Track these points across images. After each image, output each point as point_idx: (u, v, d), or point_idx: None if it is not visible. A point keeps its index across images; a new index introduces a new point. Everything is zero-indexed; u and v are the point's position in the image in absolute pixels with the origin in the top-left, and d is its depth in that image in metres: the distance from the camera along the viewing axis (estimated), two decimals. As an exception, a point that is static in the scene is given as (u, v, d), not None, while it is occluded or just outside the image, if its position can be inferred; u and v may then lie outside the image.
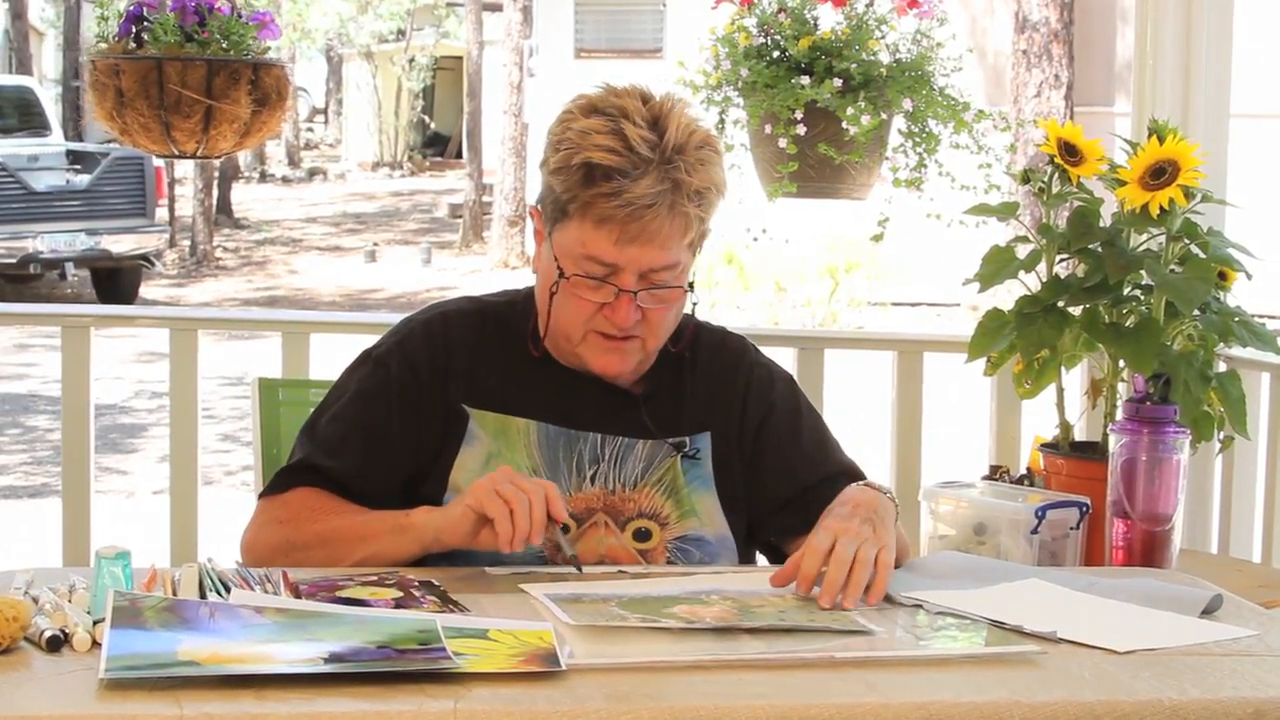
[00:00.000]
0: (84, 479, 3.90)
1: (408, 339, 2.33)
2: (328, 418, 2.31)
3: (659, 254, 2.19)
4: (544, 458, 2.27)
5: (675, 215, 2.18)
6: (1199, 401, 2.84)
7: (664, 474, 2.29)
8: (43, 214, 15.03)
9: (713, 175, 2.22)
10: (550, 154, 2.22)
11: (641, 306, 2.21)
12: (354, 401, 2.30)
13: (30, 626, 1.68)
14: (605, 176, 2.15)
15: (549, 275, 2.25)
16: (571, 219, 2.20)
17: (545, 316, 2.27)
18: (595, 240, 2.18)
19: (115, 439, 9.69)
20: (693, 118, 2.23)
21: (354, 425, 2.28)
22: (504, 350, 2.33)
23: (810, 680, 1.66)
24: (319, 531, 2.18)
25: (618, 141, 2.16)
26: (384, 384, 2.29)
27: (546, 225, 2.26)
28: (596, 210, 2.17)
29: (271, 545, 2.20)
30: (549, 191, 2.23)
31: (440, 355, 2.30)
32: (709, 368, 2.38)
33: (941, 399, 4.61)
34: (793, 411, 2.40)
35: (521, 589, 1.97)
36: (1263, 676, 1.72)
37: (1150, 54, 3.65)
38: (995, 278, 2.96)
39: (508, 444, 2.26)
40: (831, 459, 2.39)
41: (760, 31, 3.66)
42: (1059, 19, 14.33)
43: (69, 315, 4.10)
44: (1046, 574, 2.16)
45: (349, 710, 1.51)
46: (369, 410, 2.28)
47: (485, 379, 2.30)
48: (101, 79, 3.33)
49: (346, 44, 30.45)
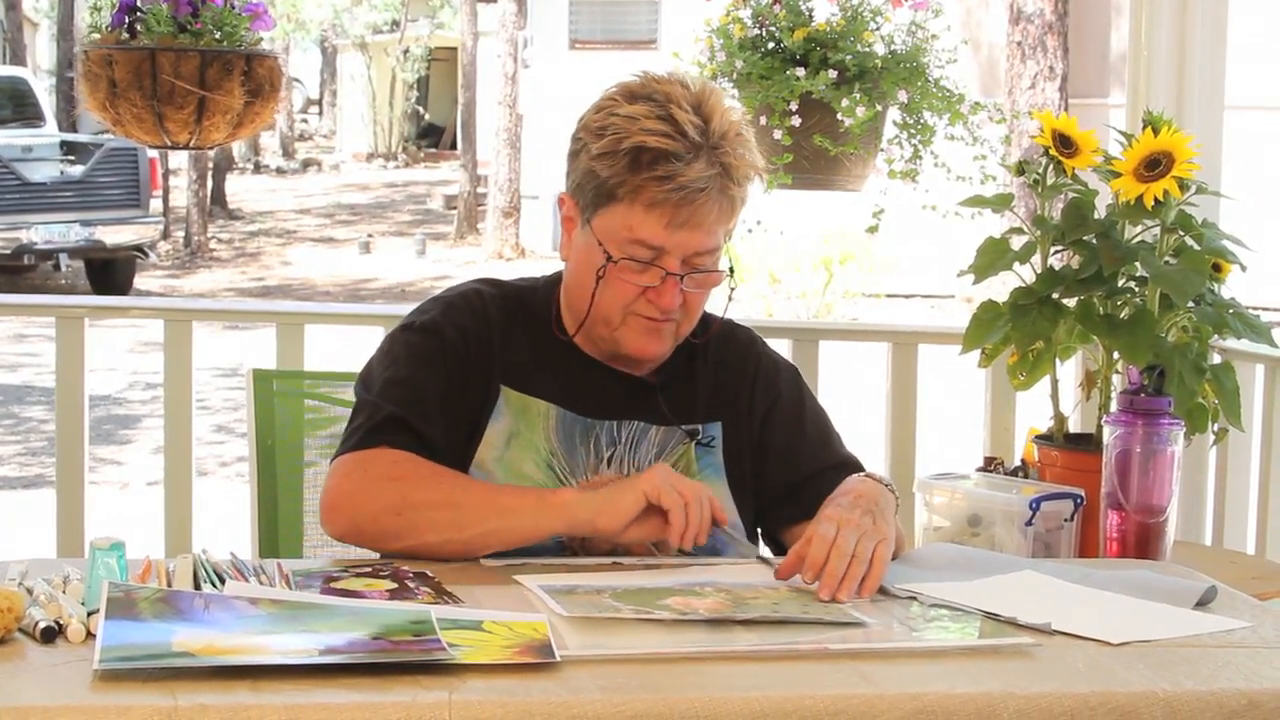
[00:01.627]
0: (78, 470, 3.90)
1: (451, 309, 2.31)
2: (386, 380, 2.25)
3: (705, 238, 2.21)
4: (561, 442, 2.28)
5: (724, 199, 2.20)
6: (1193, 393, 2.85)
7: (677, 460, 2.30)
8: (37, 205, 15.01)
9: (755, 160, 2.25)
10: (592, 140, 2.21)
11: (684, 290, 2.23)
12: (413, 364, 2.26)
13: (25, 617, 1.67)
14: (656, 161, 2.16)
15: (589, 260, 2.24)
16: (619, 203, 2.20)
17: (584, 299, 2.27)
18: (645, 224, 2.19)
19: (109, 430, 9.68)
20: (731, 103, 2.26)
21: (421, 387, 2.24)
22: (529, 333, 2.33)
23: (804, 672, 1.66)
24: (448, 495, 2.13)
25: (668, 126, 2.17)
26: (440, 350, 2.26)
27: (585, 211, 2.25)
28: (648, 194, 2.17)
29: (384, 504, 2.12)
30: (590, 177, 2.22)
31: (483, 328, 2.30)
32: (719, 357, 2.40)
33: (936, 391, 4.61)
34: (797, 402, 2.42)
35: (515, 580, 1.97)
36: (1256, 668, 1.72)
37: (1145, 46, 3.65)
38: (990, 269, 2.97)
39: (527, 424, 2.27)
40: (833, 450, 2.40)
41: (755, 23, 3.66)
42: (1053, 10, 14.32)
43: (63, 306, 4.09)
44: (1041, 566, 2.16)
45: (344, 701, 1.51)
46: (433, 374, 2.25)
47: (514, 358, 2.31)
48: (94, 69, 3.33)
49: (341, 35, 30.42)
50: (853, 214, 2.70)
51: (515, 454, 2.26)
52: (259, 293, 17.44)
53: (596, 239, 2.23)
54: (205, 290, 17.48)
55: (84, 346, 3.90)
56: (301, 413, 2.74)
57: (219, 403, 10.39)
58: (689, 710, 1.55)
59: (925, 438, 4.00)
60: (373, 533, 2.13)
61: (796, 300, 14.44)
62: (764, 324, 4.97)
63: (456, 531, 2.10)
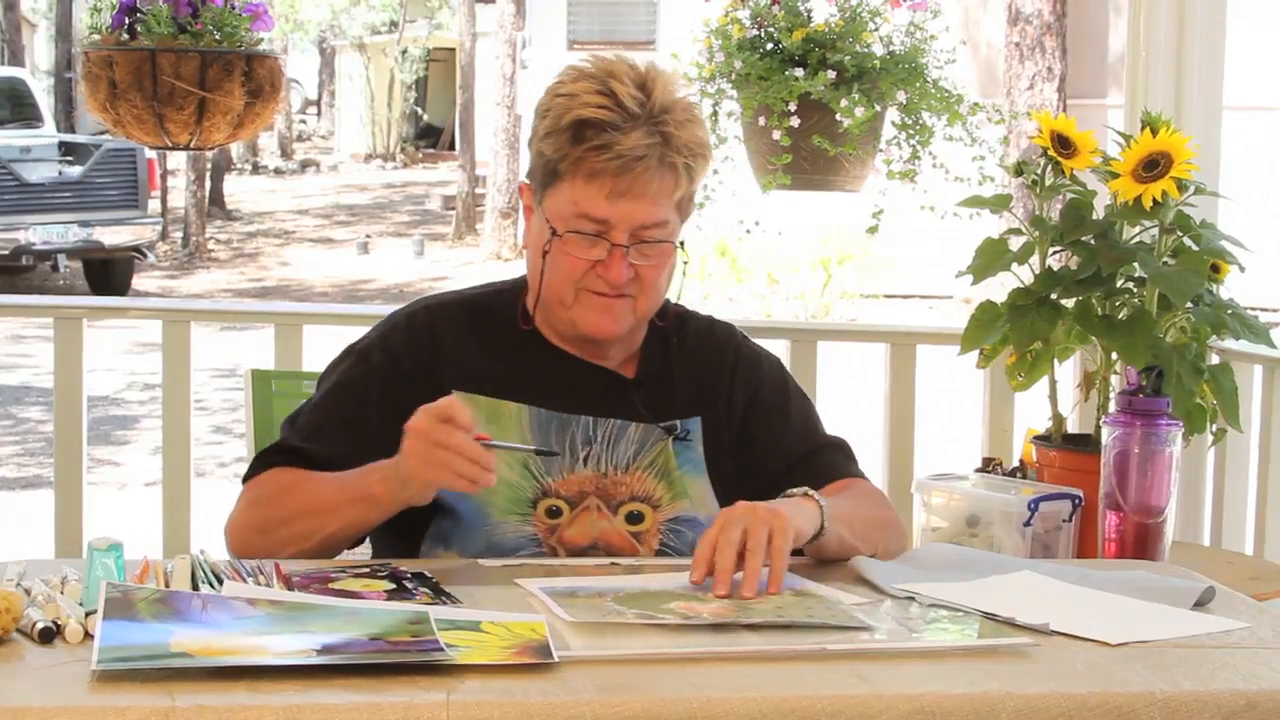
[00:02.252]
0: (77, 470, 3.90)
1: (390, 332, 2.34)
2: (309, 408, 2.32)
3: (650, 209, 2.22)
4: (537, 442, 2.27)
5: (665, 169, 2.21)
6: (1191, 394, 2.85)
7: (655, 457, 2.30)
8: (35, 206, 15.01)
9: (699, 134, 2.26)
10: (539, 122, 2.25)
11: (634, 264, 2.23)
12: (333, 392, 2.31)
13: (22, 618, 1.67)
14: (596, 131, 2.19)
15: (541, 239, 2.27)
16: (563, 179, 2.23)
17: (537, 281, 2.29)
18: (587, 196, 2.21)
19: (107, 430, 9.68)
20: (679, 84, 2.28)
21: (331, 414, 2.28)
22: (492, 337, 2.34)
23: (802, 672, 1.66)
24: (292, 508, 2.18)
25: (607, 99, 2.20)
26: (364, 375, 2.30)
27: (537, 194, 2.28)
28: (588, 165, 2.20)
29: (249, 526, 2.20)
30: (539, 158, 2.26)
31: (424, 346, 2.31)
32: (697, 352, 2.40)
33: (934, 391, 4.61)
34: (781, 390, 2.42)
35: (516, 584, 1.97)
36: (1254, 668, 1.72)
37: (1143, 46, 3.65)
38: (988, 270, 2.97)
39: (500, 429, 2.26)
40: (819, 434, 2.41)
41: (754, 23, 3.66)
42: (1051, 11, 14.32)
43: (61, 307, 4.10)
44: (1039, 566, 2.16)
45: (341, 702, 1.51)
46: (348, 400, 2.29)
47: (475, 365, 2.30)
48: (95, 70, 3.33)
49: (339, 36, 30.41)
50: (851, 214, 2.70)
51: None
52: (257, 293, 17.43)
53: (546, 218, 2.26)
54: (203, 291, 17.47)
55: (82, 347, 3.90)
56: (300, 413, 2.74)
57: (217, 403, 10.38)
58: (686, 711, 1.55)
59: (924, 438, 4.00)
60: (252, 552, 2.16)
61: (795, 301, 14.44)
62: (762, 324, 4.97)
63: (306, 540, 2.14)
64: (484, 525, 2.20)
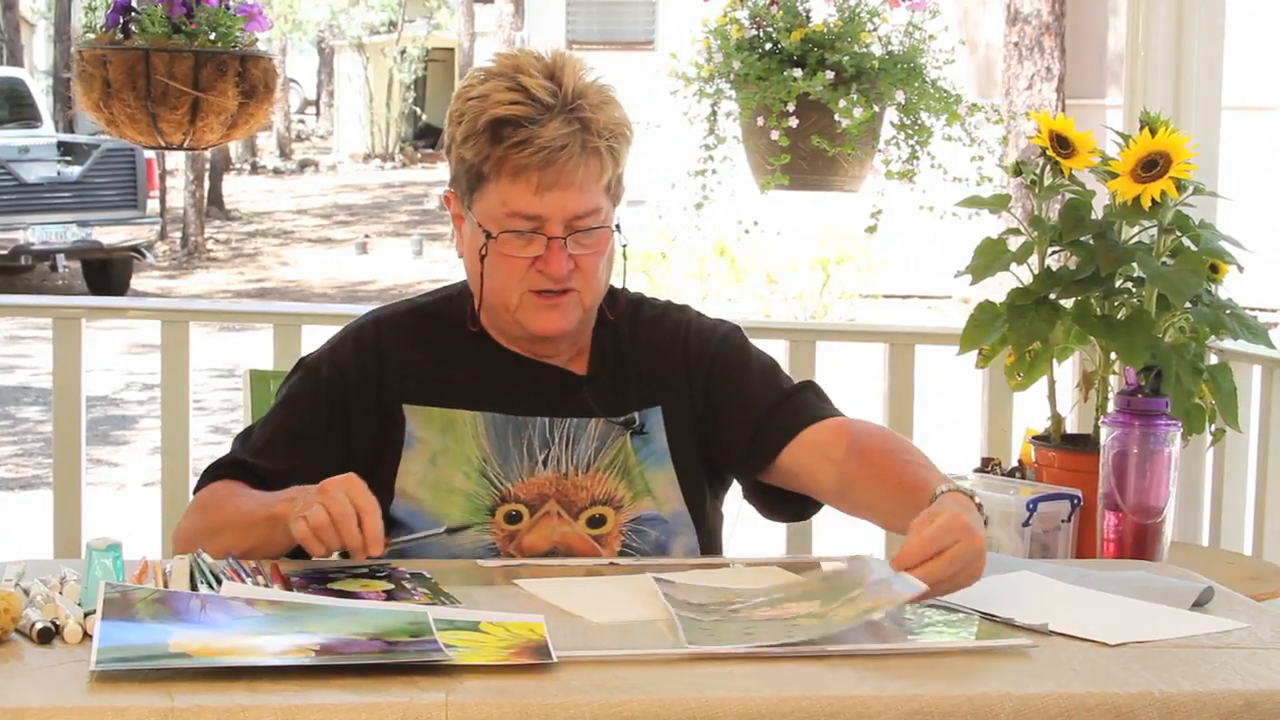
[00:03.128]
0: (75, 471, 3.90)
1: (339, 345, 2.34)
2: (260, 422, 2.33)
3: (579, 198, 2.20)
4: (494, 447, 2.24)
5: (588, 154, 2.19)
6: (1190, 394, 2.85)
7: (615, 454, 2.27)
8: (34, 205, 14.99)
9: (617, 115, 2.24)
10: (453, 128, 2.24)
11: (572, 255, 2.21)
12: (282, 406, 2.32)
13: (21, 618, 1.67)
14: (514, 128, 2.17)
15: (476, 244, 2.25)
16: (489, 181, 2.21)
17: (479, 288, 2.28)
18: (515, 194, 2.19)
19: (106, 431, 9.68)
20: (588, 67, 2.26)
21: (280, 428, 2.29)
22: (441, 345, 2.32)
23: (801, 672, 1.66)
24: (217, 520, 2.18)
25: (519, 94, 2.18)
26: (312, 389, 2.30)
27: (464, 200, 2.26)
28: (511, 163, 2.18)
29: (186, 534, 2.20)
30: (460, 164, 2.24)
31: (371, 360, 2.30)
32: (650, 340, 2.35)
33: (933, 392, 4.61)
34: (739, 353, 2.37)
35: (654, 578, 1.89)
36: (1253, 669, 1.72)
37: (1142, 46, 3.65)
38: (987, 270, 2.97)
39: (455, 438, 2.24)
40: (785, 383, 2.36)
41: (752, 24, 3.66)
42: (1050, 11, 14.32)
43: (60, 307, 4.10)
44: (1038, 566, 2.16)
45: (340, 702, 1.51)
46: (295, 415, 2.29)
47: (424, 376, 2.29)
48: (89, 69, 3.32)
49: (338, 36, 30.39)
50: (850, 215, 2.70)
51: (444, 471, 2.23)
52: (255, 294, 17.41)
53: (478, 223, 2.24)
54: (202, 291, 17.46)
55: (81, 347, 3.90)
56: (298, 413, 2.73)
57: (216, 403, 10.38)
58: (685, 711, 1.55)
59: (922, 439, 3.99)
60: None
61: (793, 301, 14.43)
62: (761, 324, 4.97)
63: (233, 548, 2.07)
64: (438, 538, 2.17)
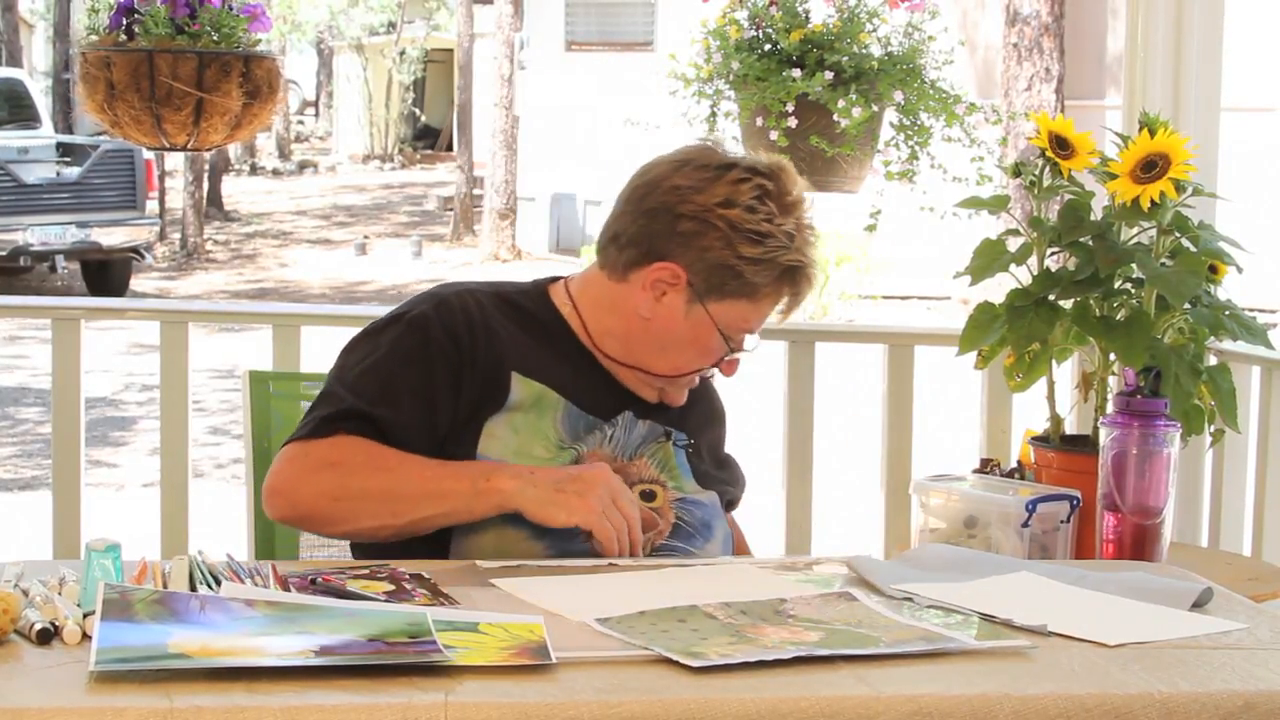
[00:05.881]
0: (74, 472, 3.89)
1: (442, 306, 2.33)
2: (360, 370, 2.30)
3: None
4: (567, 431, 2.33)
5: None
6: (1189, 395, 2.85)
7: (656, 451, 2.38)
8: (33, 206, 14.99)
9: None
10: (738, 238, 2.29)
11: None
12: (393, 357, 2.29)
13: (20, 619, 1.67)
14: (805, 279, 2.35)
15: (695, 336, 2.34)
16: (745, 299, 2.33)
17: (664, 361, 2.36)
18: (757, 318, 2.36)
19: (105, 432, 9.67)
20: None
21: (395, 379, 2.27)
22: (533, 329, 2.38)
23: (800, 674, 1.66)
24: (385, 482, 2.18)
25: (811, 249, 2.35)
26: (423, 345, 2.29)
27: (699, 291, 2.31)
28: (781, 300, 2.36)
29: (321, 490, 2.19)
30: (728, 272, 2.30)
31: (479, 324, 2.32)
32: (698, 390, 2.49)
33: (932, 392, 4.61)
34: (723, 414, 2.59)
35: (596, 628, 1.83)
36: (1252, 669, 1.72)
37: (1141, 47, 3.65)
38: (986, 271, 2.97)
39: (539, 414, 2.31)
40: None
41: (751, 24, 3.66)
42: (1049, 12, 14.32)
43: (59, 308, 4.09)
44: (1037, 567, 2.16)
45: (339, 703, 1.51)
46: (411, 369, 2.28)
47: (526, 350, 2.35)
48: (92, 71, 3.32)
49: (337, 37, 30.38)
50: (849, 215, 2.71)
51: (525, 439, 2.30)
52: (254, 294, 17.41)
53: (714, 323, 2.33)
54: (201, 292, 17.46)
55: (80, 348, 3.89)
56: (298, 414, 2.72)
57: (215, 404, 10.38)
58: (684, 712, 1.55)
59: (922, 439, 4.00)
60: (311, 518, 2.21)
61: (793, 302, 14.41)
62: (760, 326, 4.95)
63: (392, 518, 2.17)
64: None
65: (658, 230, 2.31)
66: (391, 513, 2.17)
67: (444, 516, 2.18)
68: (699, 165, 2.32)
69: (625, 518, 2.15)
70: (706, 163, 2.32)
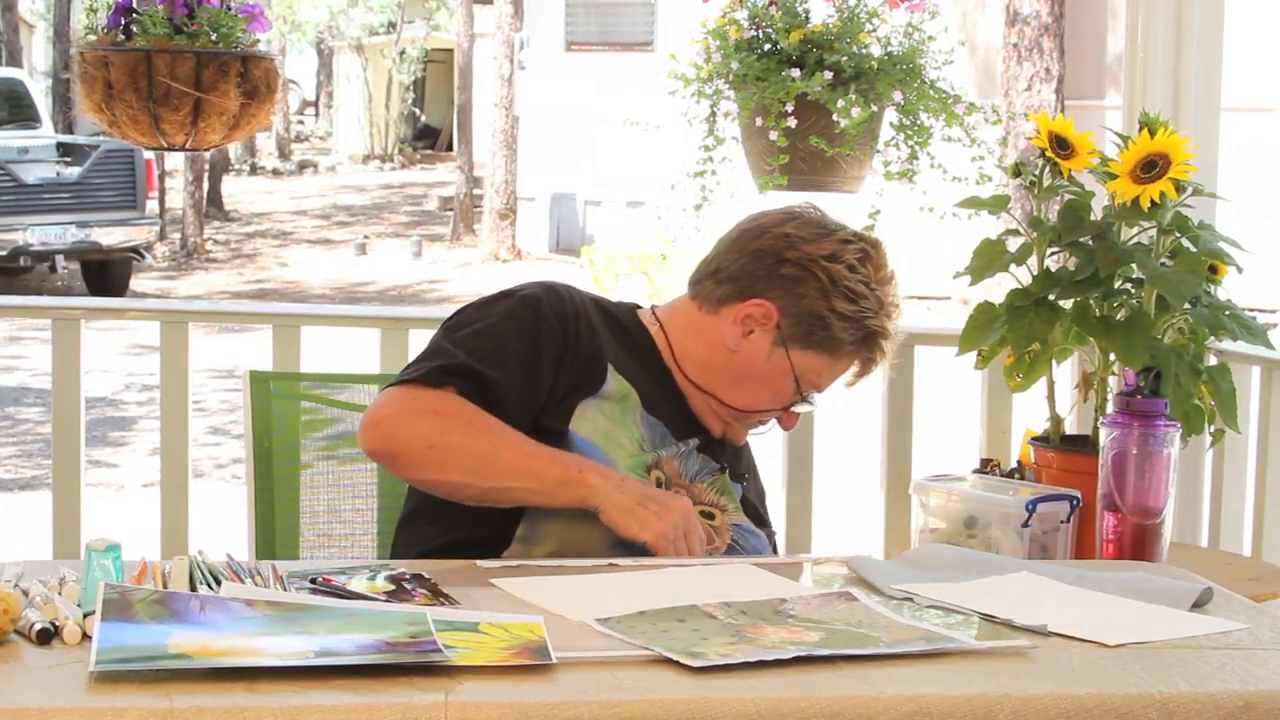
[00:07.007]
0: (75, 472, 3.89)
1: (549, 293, 2.41)
2: (472, 331, 2.36)
3: None
4: (647, 435, 2.40)
5: None
6: (1189, 395, 2.85)
7: (715, 480, 2.46)
8: (33, 206, 14.99)
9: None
10: (834, 293, 2.38)
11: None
12: (506, 325, 2.36)
13: (20, 619, 1.67)
14: (881, 349, 2.44)
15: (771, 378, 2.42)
16: (826, 353, 2.41)
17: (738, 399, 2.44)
18: (829, 376, 2.44)
19: (105, 432, 9.67)
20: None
21: (507, 345, 2.34)
22: (626, 339, 2.47)
23: (800, 673, 1.66)
24: (484, 444, 2.24)
25: (895, 318, 2.45)
26: (535, 320, 2.36)
27: (786, 335, 2.40)
28: (856, 362, 2.45)
29: (419, 434, 2.24)
30: (816, 321, 2.39)
31: (584, 315, 2.40)
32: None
33: (932, 392, 4.61)
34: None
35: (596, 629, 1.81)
36: (1252, 670, 1.72)
37: (1141, 47, 3.65)
38: (986, 271, 2.97)
39: (624, 410, 2.39)
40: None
41: (751, 24, 3.66)
42: (1049, 12, 14.32)
43: (59, 308, 4.09)
44: (1037, 567, 2.16)
45: (340, 703, 1.51)
46: (522, 339, 2.34)
47: (620, 350, 2.43)
48: (90, 71, 3.32)
49: (337, 37, 30.38)
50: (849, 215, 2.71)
51: (615, 429, 2.37)
52: (255, 294, 17.40)
53: (791, 368, 2.40)
54: (201, 292, 17.45)
55: (80, 348, 3.89)
56: (298, 414, 2.74)
57: (215, 404, 10.38)
58: (684, 712, 1.55)
59: (921, 439, 4.00)
60: (402, 456, 2.26)
61: (793, 302, 14.40)
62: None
63: (479, 479, 2.24)
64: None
65: (760, 271, 2.40)
66: (480, 474, 2.23)
67: (528, 493, 2.25)
68: (809, 220, 2.43)
69: (690, 550, 2.21)
70: (816, 220, 2.43)
